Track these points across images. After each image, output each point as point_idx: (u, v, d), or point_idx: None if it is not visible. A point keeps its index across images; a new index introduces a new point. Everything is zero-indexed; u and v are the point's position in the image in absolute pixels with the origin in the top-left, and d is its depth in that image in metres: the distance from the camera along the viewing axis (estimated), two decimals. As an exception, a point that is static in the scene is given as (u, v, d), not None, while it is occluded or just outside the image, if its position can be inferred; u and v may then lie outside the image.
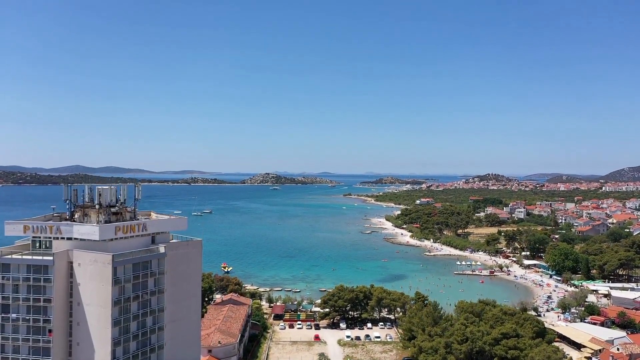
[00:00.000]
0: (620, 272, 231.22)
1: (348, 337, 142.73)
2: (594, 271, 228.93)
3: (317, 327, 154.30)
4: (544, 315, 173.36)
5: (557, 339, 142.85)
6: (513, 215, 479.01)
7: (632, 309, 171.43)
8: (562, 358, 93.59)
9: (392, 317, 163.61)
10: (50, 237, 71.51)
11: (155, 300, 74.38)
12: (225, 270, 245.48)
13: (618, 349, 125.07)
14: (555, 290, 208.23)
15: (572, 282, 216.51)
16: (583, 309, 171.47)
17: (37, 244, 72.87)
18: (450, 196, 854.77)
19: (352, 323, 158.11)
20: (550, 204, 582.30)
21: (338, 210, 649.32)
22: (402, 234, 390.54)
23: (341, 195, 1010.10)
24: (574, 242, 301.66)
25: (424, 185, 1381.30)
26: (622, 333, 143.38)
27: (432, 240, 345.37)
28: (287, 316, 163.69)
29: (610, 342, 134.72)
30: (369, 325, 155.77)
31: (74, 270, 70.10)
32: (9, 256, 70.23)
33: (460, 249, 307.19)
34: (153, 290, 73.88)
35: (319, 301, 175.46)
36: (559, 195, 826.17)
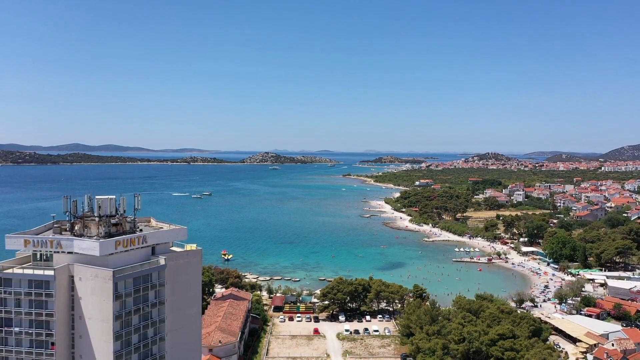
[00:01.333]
0: (617, 260, 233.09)
1: (347, 330, 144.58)
2: (591, 259, 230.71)
3: (317, 320, 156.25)
4: (540, 305, 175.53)
5: (553, 332, 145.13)
6: (512, 197, 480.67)
7: (627, 300, 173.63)
8: (557, 359, 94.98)
9: (390, 308, 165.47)
10: (51, 251, 71.91)
11: (156, 311, 75.10)
12: (226, 258, 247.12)
13: (613, 345, 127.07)
14: (552, 279, 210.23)
15: (569, 270, 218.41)
16: (579, 299, 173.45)
17: (38, 256, 73.32)
18: (449, 177, 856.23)
19: (351, 315, 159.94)
20: (549, 185, 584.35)
21: (337, 192, 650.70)
22: (401, 218, 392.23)
23: (340, 176, 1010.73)
24: (572, 227, 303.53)
25: (423, 165, 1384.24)
26: (618, 327, 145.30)
27: (431, 225, 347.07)
28: (286, 307, 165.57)
29: (605, 336, 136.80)
30: (368, 317, 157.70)
31: (75, 284, 70.63)
32: (10, 271, 70.72)
33: (459, 235, 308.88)
34: (154, 302, 74.55)
35: (318, 292, 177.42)
36: (558, 175, 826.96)
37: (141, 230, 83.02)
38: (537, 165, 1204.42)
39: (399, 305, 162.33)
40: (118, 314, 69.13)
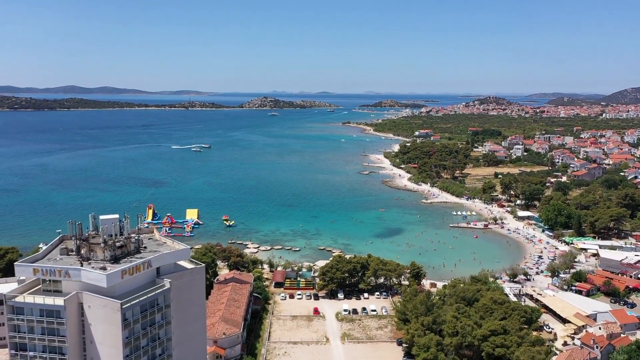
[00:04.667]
0: (611, 226, 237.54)
1: (345, 310, 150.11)
2: (586, 225, 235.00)
3: (316, 297, 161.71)
4: (533, 279, 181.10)
5: (543, 310, 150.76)
6: (511, 152, 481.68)
7: (617, 273, 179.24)
8: (544, 358, 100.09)
9: (387, 284, 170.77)
10: (59, 279, 74.45)
11: (163, 332, 78.68)
12: (228, 224, 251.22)
13: (600, 328, 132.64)
14: (546, 248, 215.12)
15: (563, 239, 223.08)
16: (572, 273, 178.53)
17: (47, 282, 75.95)
18: (449, 125, 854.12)
19: (350, 292, 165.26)
20: (549, 137, 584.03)
21: (337, 143, 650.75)
22: (400, 176, 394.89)
23: (340, 124, 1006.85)
24: (569, 188, 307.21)
25: (423, 110, 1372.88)
26: (606, 306, 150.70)
27: (429, 184, 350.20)
28: (287, 283, 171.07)
29: (594, 317, 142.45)
30: (366, 295, 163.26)
31: (85, 311, 73.74)
32: (22, 299, 73.65)
33: (457, 196, 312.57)
34: (160, 323, 77.94)
35: (317, 266, 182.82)
36: (558, 123, 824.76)
37: (145, 247, 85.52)
38: (537, 111, 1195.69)
39: (396, 282, 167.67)
40: (127, 340, 72.58)
